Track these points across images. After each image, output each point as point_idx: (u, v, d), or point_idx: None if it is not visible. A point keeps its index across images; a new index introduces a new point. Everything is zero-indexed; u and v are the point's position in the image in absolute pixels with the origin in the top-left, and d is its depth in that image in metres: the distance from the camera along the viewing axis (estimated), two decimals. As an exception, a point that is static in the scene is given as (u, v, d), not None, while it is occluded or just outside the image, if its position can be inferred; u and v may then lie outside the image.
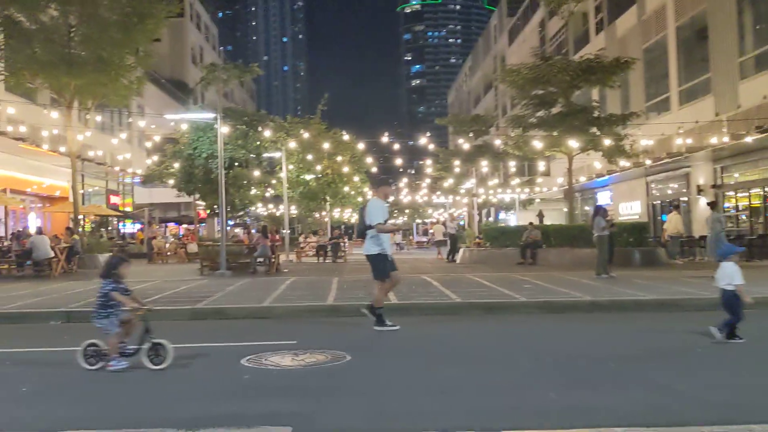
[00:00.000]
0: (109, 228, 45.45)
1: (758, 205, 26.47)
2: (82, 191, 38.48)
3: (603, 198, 40.55)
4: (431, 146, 37.92)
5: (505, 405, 5.66)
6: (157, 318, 11.84)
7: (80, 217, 37.94)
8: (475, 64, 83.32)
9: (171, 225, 52.14)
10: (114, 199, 44.14)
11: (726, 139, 24.49)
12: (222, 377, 6.93)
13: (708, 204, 19.85)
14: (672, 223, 24.92)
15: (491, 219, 53.22)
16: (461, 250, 26.62)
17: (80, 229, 38.64)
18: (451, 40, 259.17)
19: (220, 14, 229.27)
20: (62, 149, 27.86)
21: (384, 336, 9.34)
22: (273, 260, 20.83)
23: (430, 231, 51.09)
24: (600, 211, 17.46)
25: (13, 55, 23.55)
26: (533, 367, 7.09)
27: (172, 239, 31.56)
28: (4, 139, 27.13)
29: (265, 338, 8.83)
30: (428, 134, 34.65)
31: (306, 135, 29.80)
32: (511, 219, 55.53)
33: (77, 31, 24.02)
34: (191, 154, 24.67)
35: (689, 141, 26.82)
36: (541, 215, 45.41)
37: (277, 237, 22.12)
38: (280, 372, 7.01)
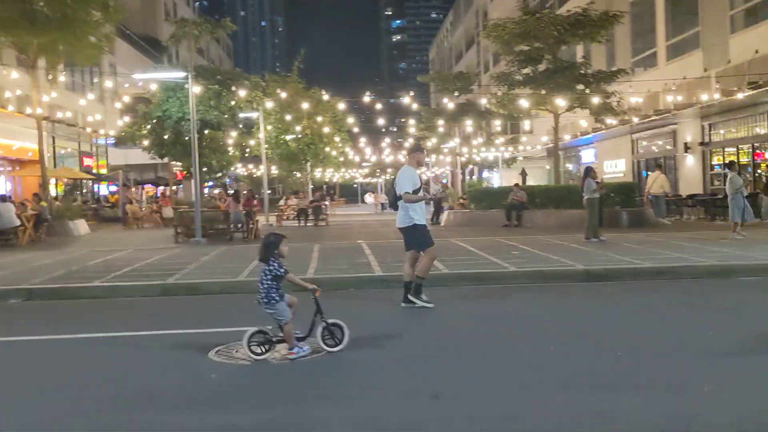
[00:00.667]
0: (84, 191, 44.24)
1: (746, 162, 25.92)
2: (53, 154, 37.29)
3: (587, 156, 40.00)
4: (414, 105, 36.86)
5: (508, 411, 4.91)
6: (126, 294, 11.16)
7: (52, 180, 36.91)
8: (457, 19, 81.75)
9: (148, 186, 50.99)
10: (87, 161, 42.86)
11: (716, 95, 23.80)
12: (182, 376, 6.08)
13: (725, 164, 19.03)
14: (657, 182, 24.34)
15: (474, 178, 52.51)
16: (446, 213, 25.90)
17: (54, 193, 37.65)
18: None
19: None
20: (29, 110, 26.64)
21: (367, 319, 8.54)
22: (251, 226, 20.00)
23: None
24: (590, 172, 16.75)
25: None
26: (534, 358, 6.33)
27: (146, 204, 30.46)
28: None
29: (239, 321, 7.92)
30: (411, 93, 33.58)
31: (283, 95, 28.61)
32: (495, 177, 54.96)
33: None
34: (160, 117, 23.55)
35: (679, 98, 26.14)
36: (524, 174, 44.92)
37: (254, 202, 21.17)
38: (252, 369, 6.24)
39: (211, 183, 49.91)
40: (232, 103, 24.03)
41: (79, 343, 7.56)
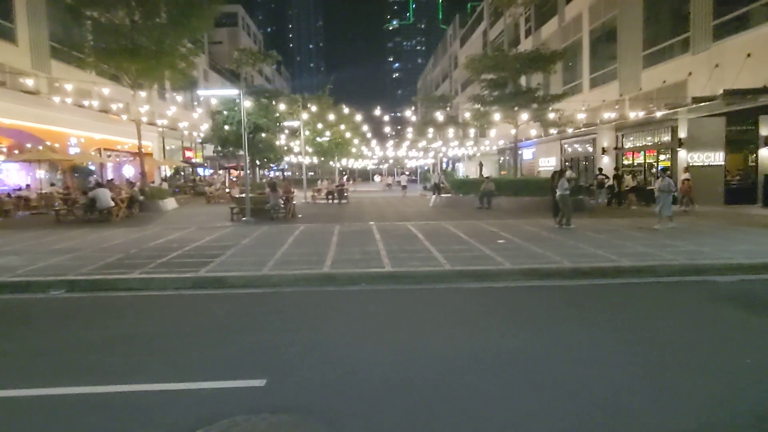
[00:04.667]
0: (188, 173, 40.31)
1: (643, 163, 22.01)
2: (162, 149, 33.36)
3: (527, 154, 35.84)
4: (412, 118, 32.47)
5: None
6: (159, 287, 7.31)
7: (164, 167, 33.08)
8: (436, 61, 76.33)
9: (233, 171, 46.85)
10: (188, 153, 38.91)
11: (635, 114, 19.73)
12: None
13: (662, 169, 14.18)
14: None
15: (450, 168, 48.27)
16: (433, 197, 22.04)
17: (164, 175, 33.78)
18: (418, 48, 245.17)
19: (269, 29, 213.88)
20: (144, 119, 22.78)
21: (383, 359, 4.87)
22: (289, 208, 16.22)
23: (399, 178, 47.00)
24: (563, 173, 12.66)
25: (89, 49, 18.37)
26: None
27: (219, 186, 26.57)
28: (97, 113, 22.17)
29: (230, 369, 4.32)
30: (412, 108, 29.53)
31: (313, 109, 24.46)
32: (460, 167, 50.77)
33: (139, 25, 18.58)
34: (224, 122, 19.55)
35: (602, 115, 22.03)
36: (481, 165, 40.86)
37: (291, 188, 17.35)
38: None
39: (274, 168, 45.79)
40: (277, 114, 20.13)
41: (48, 404, 3.88)
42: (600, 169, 21.43)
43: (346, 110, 27.83)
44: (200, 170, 43.08)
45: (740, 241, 9.82)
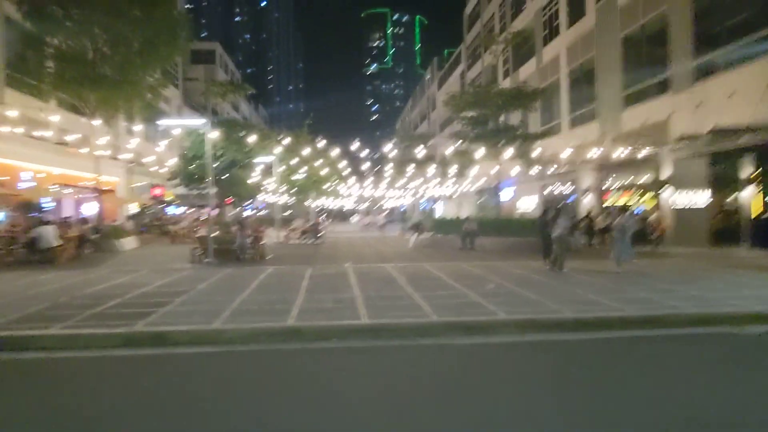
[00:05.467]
0: (153, 212, 38.53)
1: (623, 204, 21.63)
2: (127, 186, 31.84)
3: (507, 194, 35.51)
4: (390, 147, 32.00)
5: None
6: (83, 345, 5.91)
7: (131, 205, 31.56)
8: (414, 104, 77.58)
9: (203, 210, 45.24)
10: (157, 191, 37.28)
11: (618, 153, 19.46)
12: None
13: (621, 208, 13.87)
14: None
15: (428, 208, 47.69)
16: (413, 237, 21.08)
17: (130, 213, 32.11)
18: (396, 91, 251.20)
19: (249, 70, 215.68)
20: (107, 152, 21.40)
21: None
22: (258, 248, 15.00)
23: (377, 218, 46.07)
24: (560, 210, 11.53)
25: (47, 76, 17.27)
26: None
27: (186, 225, 25.24)
28: (55, 146, 20.85)
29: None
30: (391, 143, 29.06)
31: (287, 140, 23.60)
32: (438, 207, 50.33)
33: (103, 53, 17.64)
34: (194, 156, 18.48)
35: (582, 155, 21.76)
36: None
37: (261, 228, 16.20)
38: None
39: (247, 206, 44.37)
40: (248, 149, 19.17)
41: None
42: (574, 209, 21.09)
43: (322, 143, 27.10)
44: (171, 209, 41.38)
45: (744, 286, 9.07)
